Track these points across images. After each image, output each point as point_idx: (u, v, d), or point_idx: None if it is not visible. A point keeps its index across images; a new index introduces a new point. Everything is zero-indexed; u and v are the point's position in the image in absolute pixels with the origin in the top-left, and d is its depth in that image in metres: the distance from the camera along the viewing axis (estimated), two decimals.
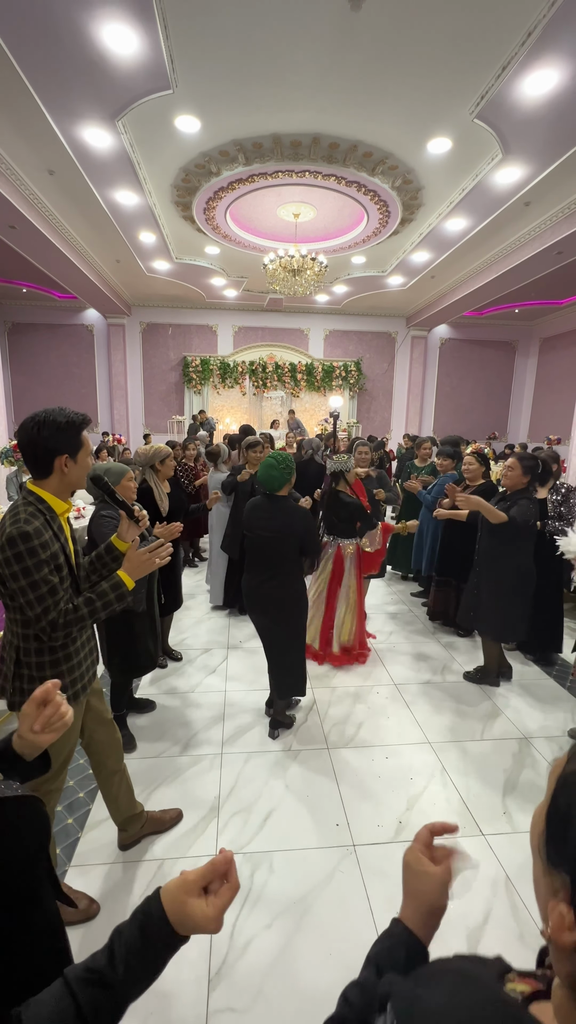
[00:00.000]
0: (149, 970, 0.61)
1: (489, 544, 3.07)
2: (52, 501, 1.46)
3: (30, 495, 1.44)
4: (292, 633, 2.56)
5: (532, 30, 3.58)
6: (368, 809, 2.18)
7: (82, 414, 1.46)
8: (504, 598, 3.03)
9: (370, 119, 4.78)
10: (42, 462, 1.42)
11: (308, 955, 1.60)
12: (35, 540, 1.36)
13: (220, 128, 4.94)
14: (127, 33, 3.64)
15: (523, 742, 2.67)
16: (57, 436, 1.40)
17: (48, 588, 1.38)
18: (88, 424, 1.49)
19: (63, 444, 1.41)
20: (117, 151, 5.24)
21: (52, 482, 1.45)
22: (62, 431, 1.40)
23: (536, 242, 7.10)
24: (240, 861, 1.92)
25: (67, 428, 1.41)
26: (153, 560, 1.55)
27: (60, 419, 1.40)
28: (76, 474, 1.47)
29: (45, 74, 4.08)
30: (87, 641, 1.65)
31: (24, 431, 1.40)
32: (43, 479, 1.44)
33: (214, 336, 12.45)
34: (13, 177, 5.59)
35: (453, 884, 0.68)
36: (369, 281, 9.89)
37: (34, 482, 1.46)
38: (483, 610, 3.12)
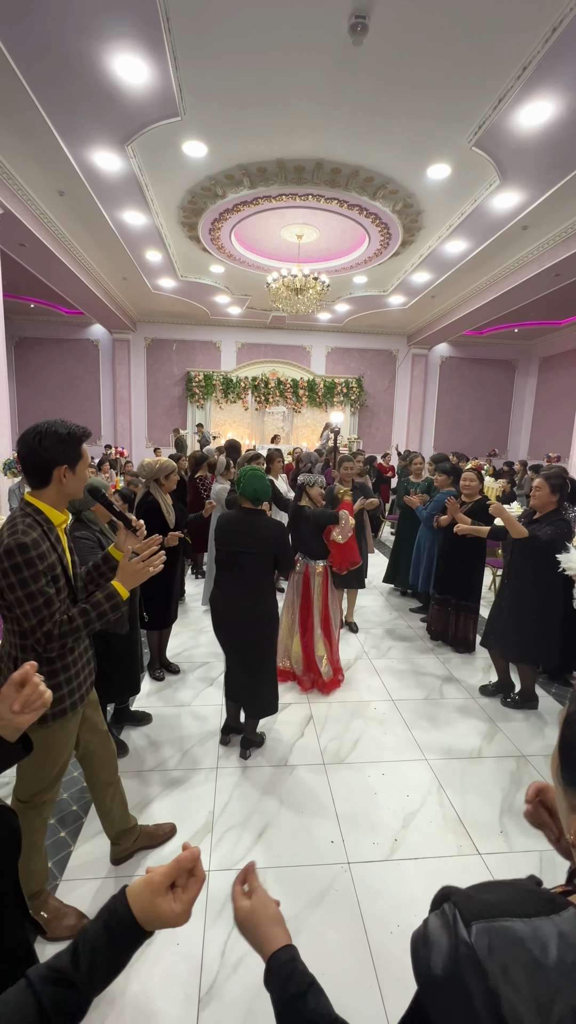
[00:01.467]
0: (113, 967, 0.62)
1: (520, 565, 3.02)
2: (49, 512, 1.47)
3: (27, 506, 1.45)
4: (270, 650, 2.56)
5: (527, 65, 3.73)
6: (363, 826, 2.16)
7: (83, 427, 1.48)
8: (539, 623, 2.97)
9: (372, 146, 4.94)
10: (41, 472, 1.43)
11: None
12: (33, 551, 1.36)
13: (226, 153, 5.11)
14: (138, 64, 3.80)
15: (521, 760, 2.64)
16: (57, 447, 1.41)
17: (44, 600, 1.39)
18: (88, 437, 1.51)
19: (62, 455, 1.43)
20: (126, 174, 5.41)
21: (50, 493, 1.46)
22: (62, 442, 1.42)
23: (534, 264, 7.25)
24: (233, 878, 1.89)
25: (68, 439, 1.43)
26: (147, 569, 1.54)
27: (61, 430, 1.42)
28: (74, 485, 1.48)
29: (59, 101, 4.24)
30: (84, 652, 1.65)
31: (25, 441, 1.42)
32: (41, 489, 1.46)
33: (217, 352, 12.64)
34: (24, 197, 5.76)
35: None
36: (370, 300, 10.07)
37: (32, 493, 1.47)
38: (516, 634, 3.04)
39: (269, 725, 2.90)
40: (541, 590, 2.98)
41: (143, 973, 1.55)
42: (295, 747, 2.70)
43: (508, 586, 3.13)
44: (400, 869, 1.95)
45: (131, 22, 3.42)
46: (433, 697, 3.29)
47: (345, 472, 4.20)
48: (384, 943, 1.67)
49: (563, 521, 2.89)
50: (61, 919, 1.68)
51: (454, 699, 3.27)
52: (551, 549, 2.88)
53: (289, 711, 3.06)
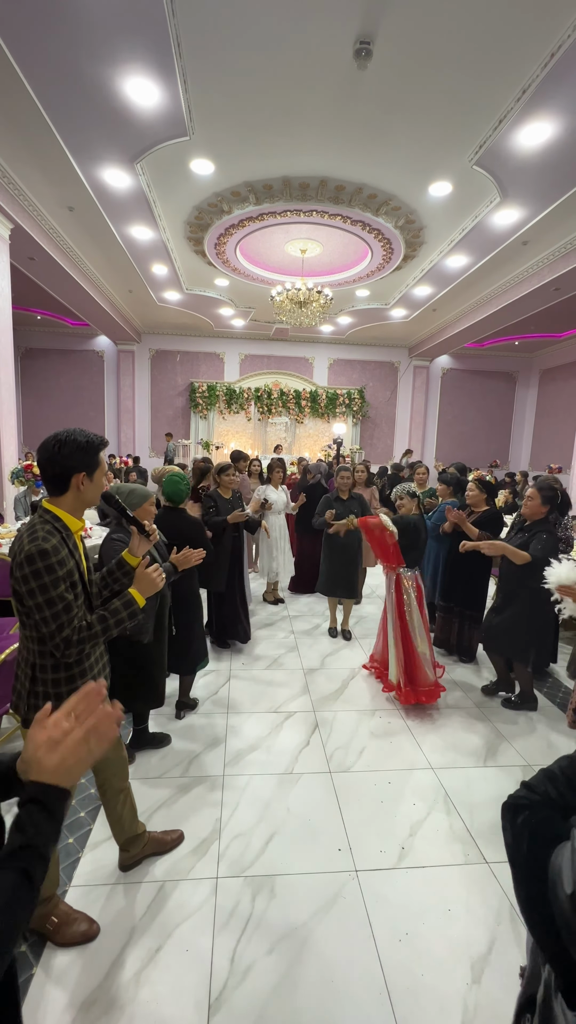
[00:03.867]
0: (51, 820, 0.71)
1: (515, 572, 3.11)
2: (67, 519, 1.50)
3: (46, 513, 1.48)
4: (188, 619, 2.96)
5: (527, 88, 3.84)
6: (370, 834, 2.16)
7: (100, 436, 1.52)
8: (534, 623, 3.08)
9: (375, 164, 5.07)
10: (60, 480, 1.47)
11: (309, 982, 1.57)
12: (53, 557, 1.39)
13: (233, 171, 5.23)
14: (149, 87, 3.92)
15: (527, 769, 2.64)
16: (76, 455, 1.45)
17: (63, 605, 1.42)
18: (106, 446, 1.55)
19: (81, 463, 1.46)
20: (134, 190, 5.54)
21: (68, 500, 1.49)
22: (81, 450, 1.45)
23: (534, 279, 7.36)
24: (241, 885, 1.90)
25: (86, 448, 1.47)
26: (161, 576, 1.62)
27: (80, 439, 1.46)
28: (91, 493, 1.51)
29: (70, 121, 4.37)
30: (100, 657, 1.67)
31: (45, 449, 1.46)
32: (59, 496, 1.49)
33: (221, 363, 12.77)
34: (35, 212, 5.89)
35: None
36: (372, 313, 10.21)
37: (50, 500, 1.50)
38: (511, 635, 3.14)
39: (275, 732, 2.90)
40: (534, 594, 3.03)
41: (153, 980, 1.56)
42: (301, 755, 2.71)
43: (502, 589, 3.23)
44: (408, 877, 1.95)
45: (143, 46, 3.54)
46: (440, 705, 3.29)
47: (341, 482, 4.25)
48: (394, 952, 1.66)
49: (547, 534, 2.99)
50: (71, 925, 1.68)
51: (459, 707, 3.27)
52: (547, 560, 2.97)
53: (295, 719, 3.06)
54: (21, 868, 0.65)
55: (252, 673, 3.67)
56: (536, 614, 3.09)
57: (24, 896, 0.64)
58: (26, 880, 0.64)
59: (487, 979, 1.59)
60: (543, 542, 2.96)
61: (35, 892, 0.65)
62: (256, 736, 2.87)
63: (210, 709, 3.17)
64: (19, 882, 0.64)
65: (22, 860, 0.65)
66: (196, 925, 1.73)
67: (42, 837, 0.68)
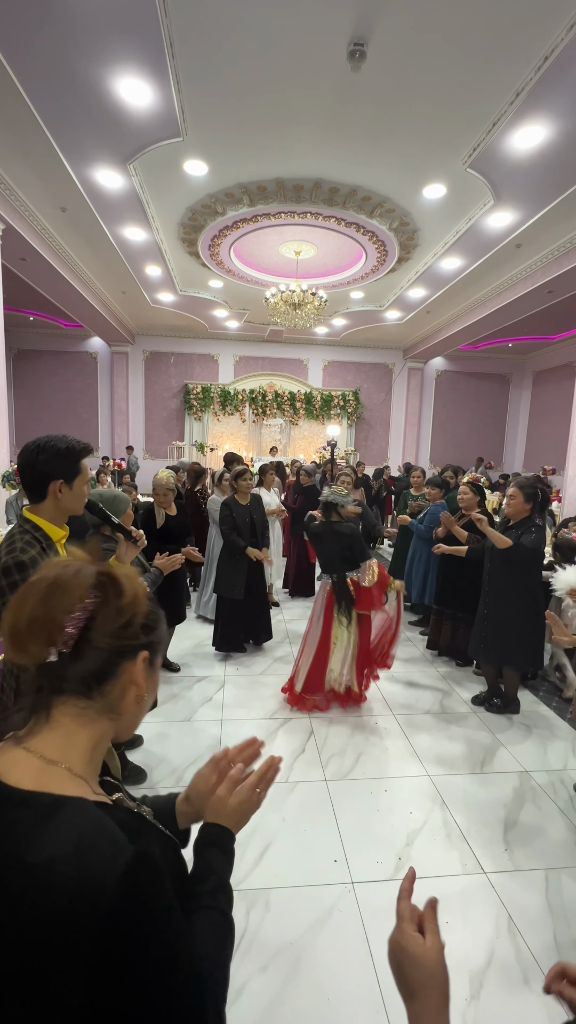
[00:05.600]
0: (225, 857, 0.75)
1: (503, 573, 3.08)
2: (48, 528, 1.43)
3: (26, 523, 1.42)
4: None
5: (520, 91, 3.85)
6: (367, 844, 2.13)
7: (84, 443, 1.47)
8: (525, 627, 3.05)
9: (369, 166, 5.06)
10: (37, 486, 1.41)
11: (305, 1001, 1.53)
12: (30, 570, 1.33)
13: (227, 172, 5.21)
14: (142, 87, 3.89)
15: (523, 775, 2.62)
16: (54, 461, 1.40)
17: None
18: (89, 453, 1.48)
19: (59, 469, 1.40)
20: (127, 191, 5.50)
21: (47, 508, 1.43)
22: (60, 456, 1.40)
23: (527, 281, 7.39)
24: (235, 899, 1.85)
25: (65, 454, 1.41)
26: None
27: (60, 444, 1.40)
28: (70, 501, 1.44)
29: (63, 121, 4.32)
30: None
31: (24, 454, 1.41)
32: (38, 504, 1.44)
33: (215, 365, 12.73)
34: (27, 213, 5.83)
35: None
36: (367, 315, 10.21)
37: (30, 508, 1.44)
38: (501, 640, 3.11)
39: (270, 739, 2.87)
40: (524, 596, 3.04)
41: None
42: (296, 763, 2.67)
43: (489, 593, 3.19)
44: None
45: (135, 46, 3.51)
46: (434, 711, 3.27)
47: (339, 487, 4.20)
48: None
49: (535, 529, 2.98)
50: None
51: (455, 713, 3.25)
52: (535, 556, 2.98)
53: (290, 726, 3.03)
54: (222, 910, 0.69)
55: (247, 678, 3.63)
56: (531, 616, 3.05)
57: (231, 936, 0.69)
58: (229, 922, 0.70)
59: (486, 994, 1.56)
60: (533, 536, 2.94)
61: (234, 928, 0.71)
62: None
63: (205, 715, 3.13)
64: (224, 923, 0.69)
65: (220, 902, 0.70)
66: None
67: (226, 877, 0.73)
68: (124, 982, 0.49)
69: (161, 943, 0.51)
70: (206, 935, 0.64)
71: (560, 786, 2.55)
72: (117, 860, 0.51)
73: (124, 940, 0.49)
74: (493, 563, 3.14)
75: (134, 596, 0.65)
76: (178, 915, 0.55)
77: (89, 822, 0.54)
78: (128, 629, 0.63)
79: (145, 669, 0.66)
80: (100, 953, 0.47)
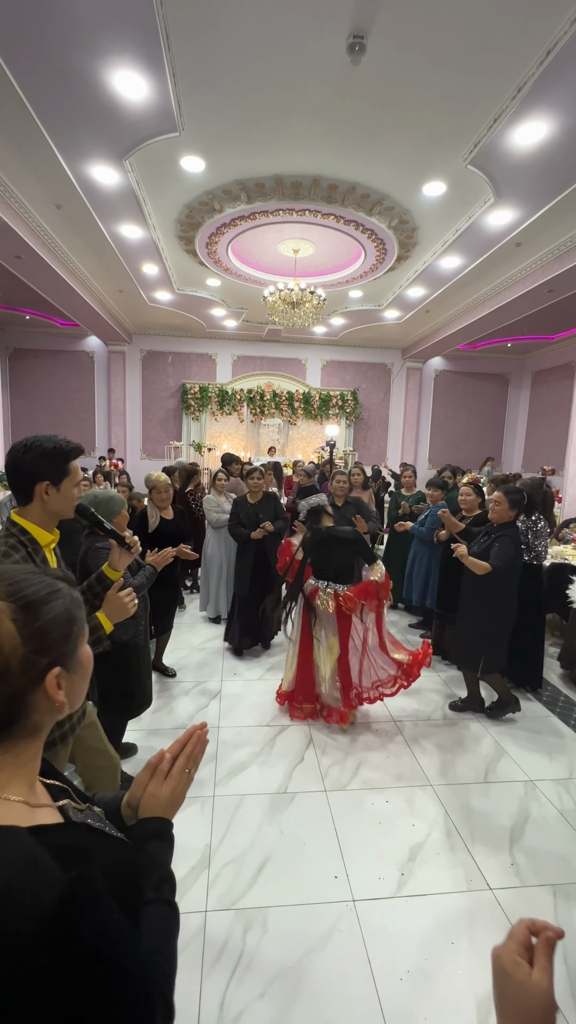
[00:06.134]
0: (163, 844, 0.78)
1: (472, 578, 3.05)
2: (35, 532, 1.38)
3: (13, 526, 1.38)
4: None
5: (522, 85, 3.78)
6: (368, 859, 2.06)
7: (74, 443, 1.41)
8: (486, 631, 3.02)
9: (368, 163, 4.99)
10: (23, 487, 1.36)
11: None
12: None
13: (224, 168, 5.13)
14: (137, 80, 3.81)
15: (528, 785, 2.56)
16: (40, 461, 1.34)
17: None
18: (79, 454, 1.43)
19: (45, 470, 1.35)
20: (123, 188, 5.42)
21: (34, 510, 1.38)
22: (45, 456, 1.35)
23: (527, 280, 7.33)
24: (232, 919, 1.79)
25: (52, 454, 1.35)
26: (133, 602, 1.52)
27: (47, 445, 1.35)
28: (58, 504, 1.39)
29: (57, 115, 4.24)
30: None
31: (11, 453, 1.37)
32: (25, 506, 1.38)
33: (213, 364, 12.65)
34: (21, 210, 5.75)
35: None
36: (366, 314, 10.14)
37: (19, 511, 1.39)
38: (463, 642, 3.12)
39: (268, 748, 2.80)
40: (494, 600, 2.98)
41: None
42: (295, 772, 2.60)
43: (463, 597, 3.16)
44: (409, 907, 1.85)
45: (131, 39, 3.43)
46: (435, 717, 3.20)
47: (337, 486, 4.09)
48: (394, 991, 1.56)
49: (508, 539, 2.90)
50: None
51: (457, 719, 3.19)
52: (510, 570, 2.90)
53: (288, 733, 2.96)
54: (166, 900, 0.73)
55: (243, 685, 3.55)
56: (487, 621, 3.01)
57: (176, 924, 0.72)
58: (174, 910, 0.73)
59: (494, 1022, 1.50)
60: (504, 547, 2.87)
61: (179, 915, 0.74)
62: (248, 752, 2.76)
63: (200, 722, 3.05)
64: (170, 913, 0.72)
65: (164, 892, 0.73)
66: (184, 965, 1.58)
67: (168, 867, 0.76)
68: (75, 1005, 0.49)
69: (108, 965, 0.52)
70: (154, 928, 0.68)
71: (566, 795, 2.49)
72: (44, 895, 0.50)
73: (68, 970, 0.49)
74: (465, 571, 3.11)
75: None
76: (123, 933, 0.55)
77: (16, 856, 0.53)
78: (8, 676, 0.59)
79: (59, 682, 0.64)
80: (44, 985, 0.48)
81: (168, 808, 0.80)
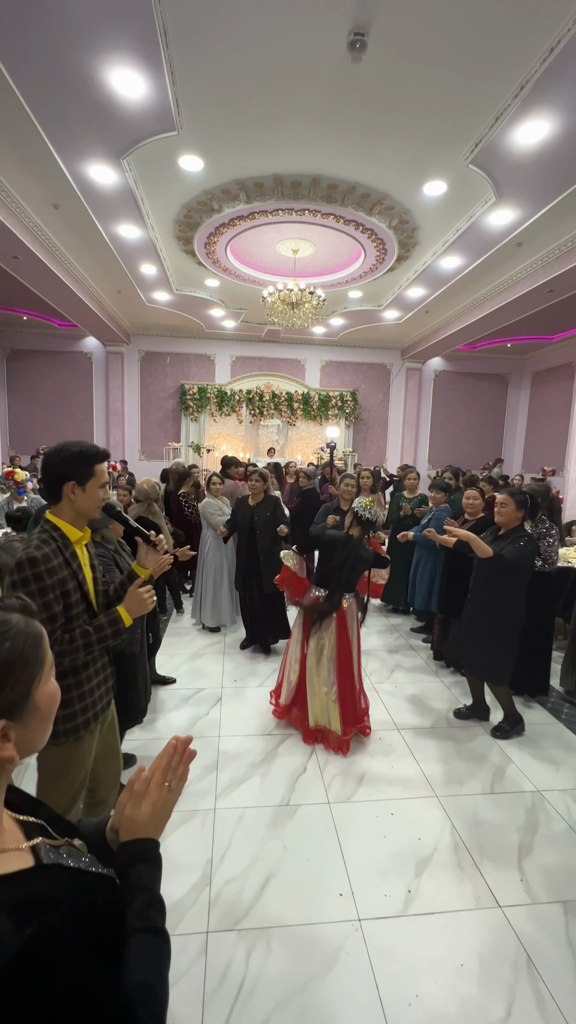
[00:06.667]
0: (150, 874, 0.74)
1: (482, 582, 2.99)
2: (66, 529, 1.50)
3: (46, 523, 1.51)
4: None
5: (525, 83, 3.73)
6: (374, 875, 2.01)
7: (101, 448, 1.53)
8: (494, 639, 2.94)
9: (369, 163, 4.94)
10: (53, 487, 1.49)
11: None
12: (42, 566, 1.40)
13: (223, 168, 5.07)
14: (135, 78, 3.75)
15: (536, 796, 2.51)
16: (67, 463, 1.47)
17: (47, 616, 1.42)
18: (105, 458, 1.54)
19: (71, 471, 1.47)
20: (121, 187, 5.36)
21: (64, 510, 1.50)
22: (73, 459, 1.47)
23: (528, 280, 7.28)
24: (234, 940, 1.73)
25: (78, 456, 1.47)
26: (152, 598, 1.61)
27: (74, 448, 1.48)
28: (84, 503, 1.50)
29: (54, 114, 4.18)
30: (101, 670, 1.65)
31: (45, 456, 1.52)
32: (56, 505, 1.51)
33: (212, 365, 12.59)
34: (18, 209, 5.68)
35: None
36: (365, 315, 10.10)
37: (51, 511, 1.53)
38: (472, 649, 3.04)
39: (269, 758, 2.74)
40: (502, 606, 2.91)
41: None
42: (297, 784, 2.55)
43: (471, 601, 3.08)
44: (416, 926, 1.80)
45: (128, 36, 3.37)
46: (440, 725, 3.15)
47: (346, 489, 4.03)
48: (403, 1018, 1.51)
49: (525, 540, 2.84)
50: None
51: (462, 727, 3.13)
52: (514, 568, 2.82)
53: (290, 743, 2.90)
54: (154, 927, 0.68)
55: (244, 692, 3.50)
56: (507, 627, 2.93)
57: (166, 951, 0.68)
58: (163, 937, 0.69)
59: None
60: (518, 547, 2.80)
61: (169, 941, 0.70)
62: (250, 762, 2.71)
63: (201, 731, 3.00)
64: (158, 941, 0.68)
65: (150, 919, 0.68)
66: (184, 993, 1.56)
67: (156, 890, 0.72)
68: None
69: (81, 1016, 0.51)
70: (141, 960, 0.64)
71: (574, 807, 2.44)
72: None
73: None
74: (477, 570, 3.04)
75: None
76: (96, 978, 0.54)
77: None
78: None
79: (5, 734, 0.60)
80: None
81: (151, 827, 0.75)
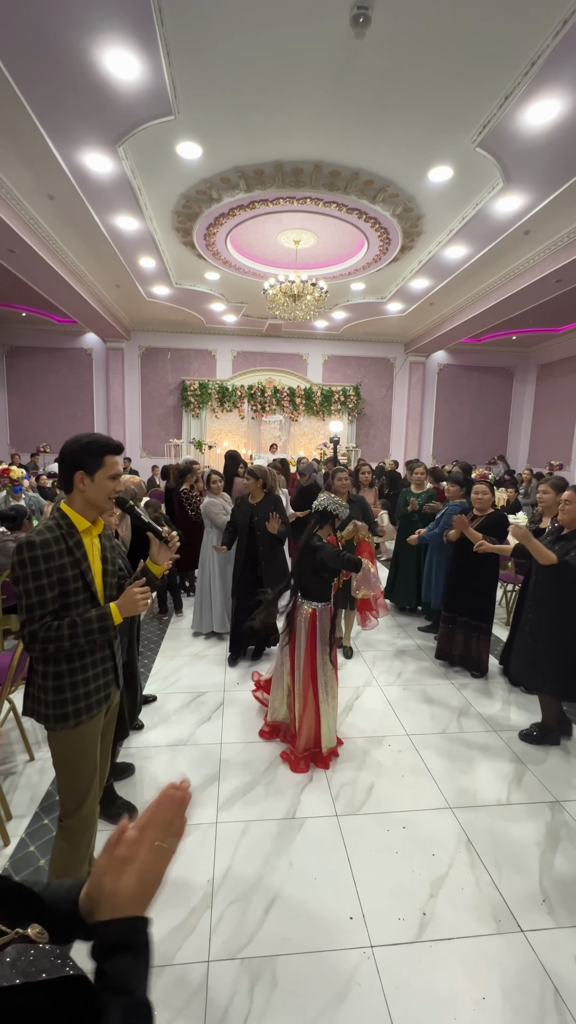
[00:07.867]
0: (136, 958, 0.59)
1: (545, 590, 2.78)
2: (75, 518, 1.53)
3: (57, 511, 1.54)
4: None
5: (535, 60, 3.56)
6: (386, 896, 1.89)
7: (113, 440, 1.55)
8: (567, 653, 2.71)
9: (372, 147, 4.77)
10: (65, 477, 1.53)
11: None
12: (39, 551, 1.42)
13: (221, 155, 4.92)
14: (129, 59, 3.60)
15: (555, 807, 2.38)
16: (78, 453, 1.50)
17: (38, 600, 1.43)
18: (118, 451, 1.55)
19: (81, 460, 1.50)
20: (118, 176, 5.21)
21: (75, 499, 1.53)
22: (83, 449, 1.50)
23: (535, 270, 7.10)
24: (237, 970, 1.62)
25: (88, 446, 1.50)
26: (143, 601, 1.58)
27: (84, 439, 1.51)
28: (93, 493, 1.52)
29: (47, 99, 4.04)
30: (103, 660, 1.62)
31: (62, 448, 1.55)
32: (69, 495, 1.54)
33: (213, 360, 12.44)
34: (13, 202, 5.55)
35: None
36: (368, 307, 9.92)
37: (65, 500, 1.56)
38: (543, 663, 2.78)
39: (274, 766, 2.62)
40: (570, 618, 2.72)
41: None
42: (303, 795, 2.43)
43: (533, 608, 2.87)
44: (432, 953, 1.68)
45: (121, 13, 3.22)
46: (451, 731, 3.02)
47: (339, 484, 3.90)
48: None
49: None
50: None
51: (474, 732, 3.01)
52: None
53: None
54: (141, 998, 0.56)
55: (246, 696, 3.38)
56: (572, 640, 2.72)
57: None
58: None
59: None
60: None
61: None
62: (254, 771, 2.59)
63: (201, 738, 2.88)
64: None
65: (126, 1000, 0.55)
66: None
67: (141, 990, 0.57)
68: None
69: None
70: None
71: None
72: None
73: None
74: (539, 575, 2.82)
75: None
76: None
77: None
78: None
79: None
80: None
81: (138, 901, 0.60)
